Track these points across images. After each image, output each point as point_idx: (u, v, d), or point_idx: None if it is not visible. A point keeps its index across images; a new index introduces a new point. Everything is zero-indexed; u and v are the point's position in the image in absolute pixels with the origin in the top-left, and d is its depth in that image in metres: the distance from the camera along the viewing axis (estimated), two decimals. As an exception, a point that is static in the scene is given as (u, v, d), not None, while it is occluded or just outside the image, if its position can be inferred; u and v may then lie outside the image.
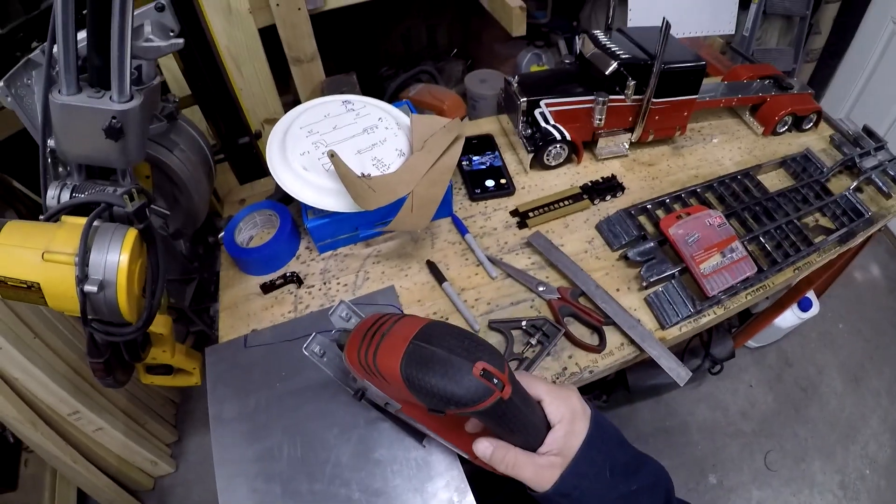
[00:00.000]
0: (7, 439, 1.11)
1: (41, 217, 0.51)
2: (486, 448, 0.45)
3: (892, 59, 1.63)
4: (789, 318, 1.40)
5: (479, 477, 0.55)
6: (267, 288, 0.72)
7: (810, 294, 1.38)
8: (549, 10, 1.31)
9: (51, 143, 0.52)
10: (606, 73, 0.83)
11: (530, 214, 0.80)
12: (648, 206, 0.82)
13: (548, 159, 0.88)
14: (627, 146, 0.92)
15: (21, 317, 0.97)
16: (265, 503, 0.54)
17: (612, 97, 0.85)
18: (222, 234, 0.75)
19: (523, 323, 0.67)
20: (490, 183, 0.85)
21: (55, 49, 0.47)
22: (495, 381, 0.38)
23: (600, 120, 0.87)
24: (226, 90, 0.91)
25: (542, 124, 0.85)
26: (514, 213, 0.82)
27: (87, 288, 0.46)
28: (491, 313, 0.70)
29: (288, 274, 0.73)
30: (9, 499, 1.08)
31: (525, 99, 0.85)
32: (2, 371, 0.93)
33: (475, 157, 0.90)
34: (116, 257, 0.48)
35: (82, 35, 0.48)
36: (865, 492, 1.32)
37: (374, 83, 0.95)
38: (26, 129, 0.58)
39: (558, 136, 0.84)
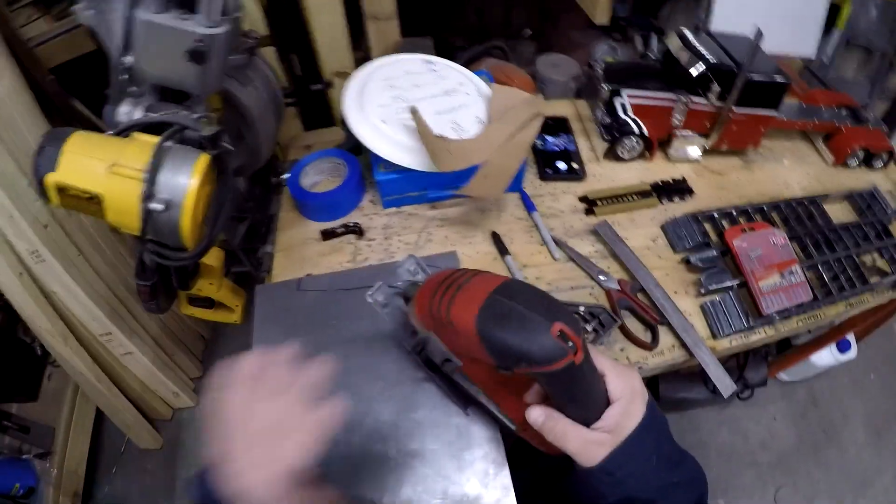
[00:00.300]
0: (35, 351, 1.12)
1: (110, 132, 0.50)
2: (539, 414, 0.44)
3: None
4: (826, 356, 1.36)
5: (510, 452, 0.54)
6: (327, 235, 0.72)
7: (850, 337, 1.34)
8: (631, 4, 1.27)
9: (128, 60, 0.51)
10: (693, 73, 0.81)
11: (598, 203, 0.79)
12: (715, 215, 0.80)
13: (621, 151, 0.86)
14: (701, 152, 0.89)
15: (68, 232, 0.96)
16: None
17: (694, 98, 0.82)
18: (288, 175, 0.74)
19: (581, 308, 0.66)
20: (561, 165, 0.84)
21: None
22: (570, 343, 0.37)
23: (679, 120, 0.84)
24: (304, 35, 0.90)
25: (621, 115, 0.83)
26: (583, 199, 0.80)
27: (153, 205, 0.45)
28: (550, 294, 0.68)
29: (351, 224, 0.72)
30: (28, 409, 1.09)
31: (609, 86, 0.83)
32: (41, 283, 0.93)
33: (549, 138, 0.88)
34: (187, 179, 0.47)
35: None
36: (865, 549, 1.29)
37: (443, 52, 0.94)
38: (90, 52, 0.55)
39: (636, 130, 0.82)
